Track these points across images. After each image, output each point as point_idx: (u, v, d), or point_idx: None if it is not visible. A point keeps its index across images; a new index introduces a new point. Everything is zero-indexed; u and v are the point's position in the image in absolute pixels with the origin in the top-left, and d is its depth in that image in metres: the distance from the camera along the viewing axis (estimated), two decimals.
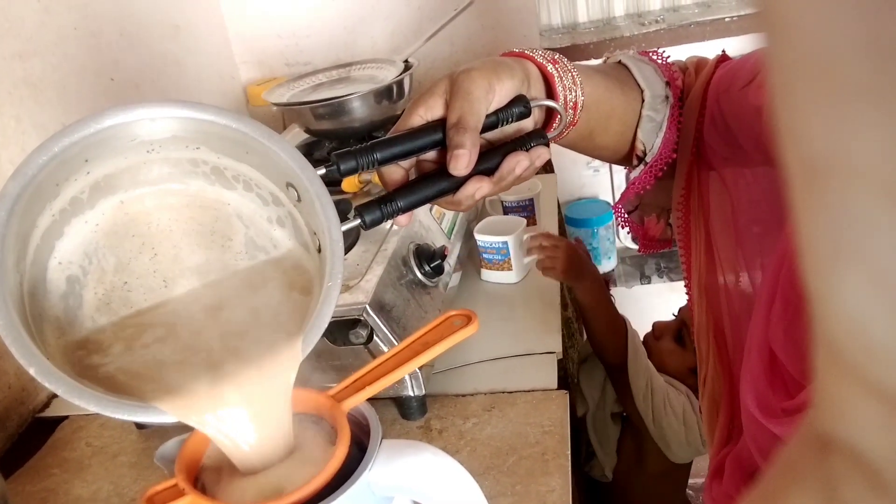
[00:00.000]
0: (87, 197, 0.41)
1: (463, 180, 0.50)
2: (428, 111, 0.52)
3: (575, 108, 0.58)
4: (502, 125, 0.53)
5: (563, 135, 0.60)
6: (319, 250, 0.43)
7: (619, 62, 0.67)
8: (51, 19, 1.08)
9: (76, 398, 0.35)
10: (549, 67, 0.56)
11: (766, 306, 0.57)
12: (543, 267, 1.08)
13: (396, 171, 0.52)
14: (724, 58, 0.68)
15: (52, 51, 1.08)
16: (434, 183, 0.51)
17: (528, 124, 0.55)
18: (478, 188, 0.51)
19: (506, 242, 1.06)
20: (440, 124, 0.51)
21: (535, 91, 0.56)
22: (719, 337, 0.72)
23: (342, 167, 0.48)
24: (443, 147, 0.51)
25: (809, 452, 0.26)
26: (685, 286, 0.76)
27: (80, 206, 0.41)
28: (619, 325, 1.19)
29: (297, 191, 0.42)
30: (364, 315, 0.74)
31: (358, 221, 0.48)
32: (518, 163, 0.51)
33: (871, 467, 0.22)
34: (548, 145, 0.55)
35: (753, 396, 0.60)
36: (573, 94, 0.58)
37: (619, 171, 1.76)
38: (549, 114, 0.58)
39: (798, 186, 0.21)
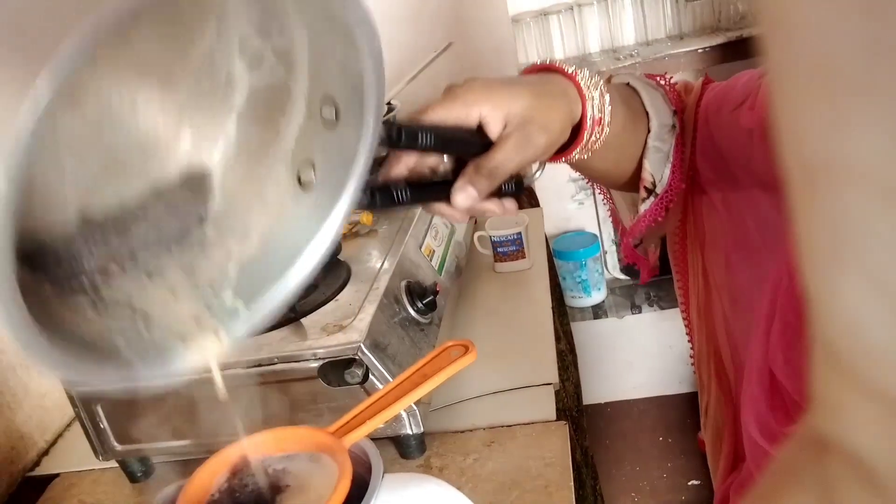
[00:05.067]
0: None
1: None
2: (485, 120, 0.50)
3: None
4: None
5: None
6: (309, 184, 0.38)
7: (628, 84, 0.65)
8: None
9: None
10: (588, 127, 0.57)
11: (764, 329, 0.57)
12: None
13: (408, 162, 0.50)
14: (707, 80, 0.68)
15: None
16: (435, 191, 0.51)
17: None
18: (452, 215, 0.52)
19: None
20: (484, 138, 0.50)
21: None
22: (719, 364, 0.71)
23: (404, 135, 0.46)
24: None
25: (807, 453, 0.26)
26: (682, 314, 0.75)
27: None
28: None
29: (336, 110, 0.36)
30: (359, 354, 0.74)
31: (367, 195, 0.45)
32: (490, 209, 0.53)
33: (868, 469, 0.22)
34: (521, 194, 0.56)
35: (755, 420, 0.59)
36: (587, 153, 0.59)
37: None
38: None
39: (796, 187, 0.21)
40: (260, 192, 0.38)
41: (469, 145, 0.50)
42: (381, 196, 0.47)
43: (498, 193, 0.53)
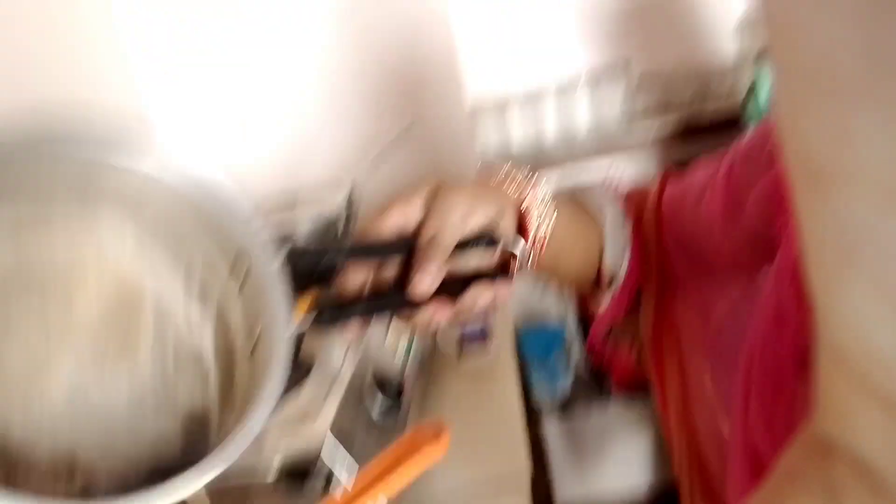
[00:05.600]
0: None
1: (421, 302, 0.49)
2: (403, 218, 0.50)
3: (543, 244, 0.58)
4: (469, 249, 0.52)
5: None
6: (253, 351, 0.37)
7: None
8: None
9: None
10: (526, 205, 0.57)
11: (742, 404, 0.55)
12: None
13: (359, 276, 0.48)
14: (666, 175, 0.70)
15: None
16: (393, 299, 0.48)
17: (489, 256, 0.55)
18: (437, 312, 0.49)
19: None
20: (410, 239, 0.49)
21: (508, 222, 0.56)
22: (704, 473, 0.68)
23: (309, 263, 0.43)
24: (407, 263, 0.49)
25: (812, 458, 0.26)
26: (661, 419, 0.73)
27: None
28: None
29: (246, 269, 0.37)
30: (320, 459, 0.67)
31: (314, 314, 0.43)
32: (482, 296, 0.51)
33: (873, 474, 0.22)
34: (509, 279, 0.54)
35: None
36: (541, 230, 0.58)
37: None
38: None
39: (801, 192, 0.21)
40: None
41: (401, 248, 0.49)
42: (330, 311, 0.43)
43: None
